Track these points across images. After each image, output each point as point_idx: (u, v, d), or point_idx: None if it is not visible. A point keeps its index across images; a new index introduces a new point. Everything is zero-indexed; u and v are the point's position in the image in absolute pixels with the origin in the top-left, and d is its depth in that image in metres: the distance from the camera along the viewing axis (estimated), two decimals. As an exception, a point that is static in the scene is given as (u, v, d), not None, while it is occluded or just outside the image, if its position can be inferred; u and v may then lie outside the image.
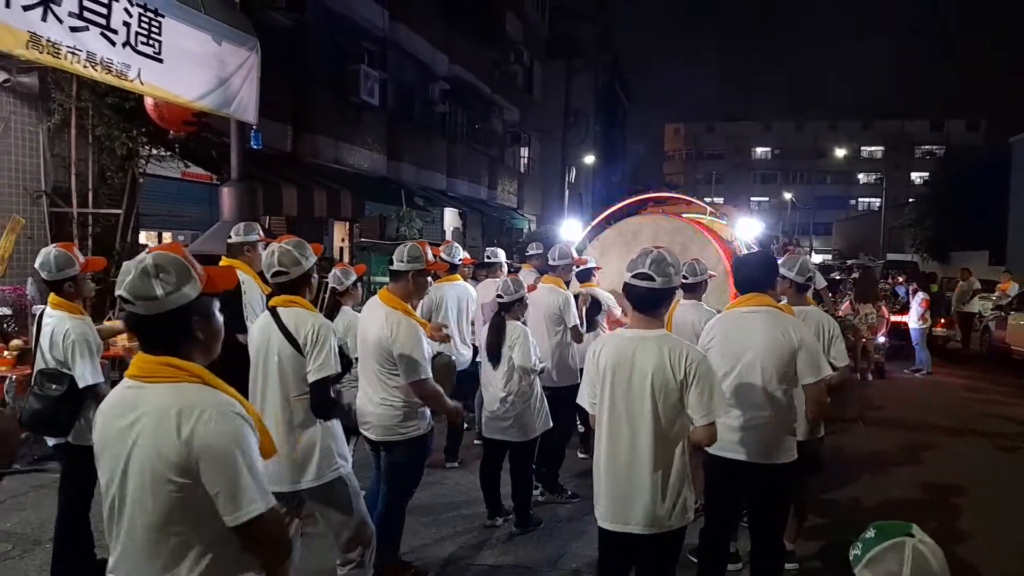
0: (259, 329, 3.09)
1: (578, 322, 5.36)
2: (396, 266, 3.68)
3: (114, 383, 5.07)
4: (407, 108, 17.76)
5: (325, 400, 2.96)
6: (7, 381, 5.40)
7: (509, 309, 4.42)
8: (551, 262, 5.53)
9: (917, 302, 11.14)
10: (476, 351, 6.14)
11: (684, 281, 5.38)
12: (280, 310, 3.03)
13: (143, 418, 1.71)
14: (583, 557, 4.31)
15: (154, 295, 1.73)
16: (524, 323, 4.56)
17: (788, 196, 54.01)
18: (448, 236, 20.46)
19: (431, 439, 3.91)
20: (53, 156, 7.71)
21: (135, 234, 8.92)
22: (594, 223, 7.31)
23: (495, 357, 4.36)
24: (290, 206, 11.47)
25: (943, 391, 10.19)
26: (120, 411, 1.77)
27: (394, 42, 16.29)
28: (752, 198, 60.24)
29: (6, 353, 5.66)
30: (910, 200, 47.53)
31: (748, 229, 6.77)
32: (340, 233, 16.07)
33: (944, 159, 39.54)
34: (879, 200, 59.92)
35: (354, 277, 4.95)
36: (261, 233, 4.62)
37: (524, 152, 27.96)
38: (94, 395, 3.43)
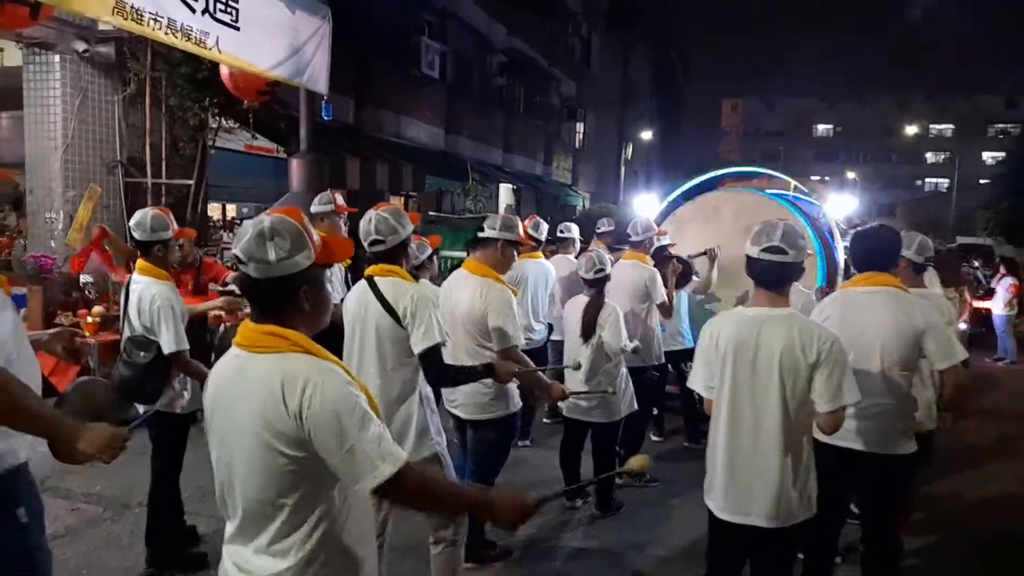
0: (355, 299, 2.99)
1: (666, 298, 5.16)
2: (487, 233, 3.56)
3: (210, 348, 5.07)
4: (466, 81, 17.57)
5: (440, 368, 2.86)
6: (90, 348, 5.48)
7: (601, 285, 4.25)
8: (633, 237, 5.33)
9: (1004, 287, 10.53)
10: (551, 328, 6.00)
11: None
12: (378, 279, 2.92)
13: (249, 389, 1.65)
14: (670, 544, 4.17)
15: (267, 259, 1.66)
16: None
17: (851, 175, 52.08)
18: (502, 211, 20.33)
19: (518, 419, 3.79)
20: (128, 126, 7.80)
21: (204, 205, 9.03)
22: (670, 198, 7.04)
23: (588, 335, 4.20)
24: (353, 179, 11.47)
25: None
26: (228, 381, 1.72)
27: (453, 13, 16.08)
28: (811, 177, 58.29)
29: (89, 319, 5.75)
30: (981, 181, 45.34)
31: (840, 206, 6.41)
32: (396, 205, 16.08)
33: (1020, 137, 37.45)
34: (947, 180, 57.53)
35: (429, 250, 4.85)
36: (341, 202, 4.54)
37: (580, 127, 27.52)
38: (179, 362, 3.41)
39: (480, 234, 3.61)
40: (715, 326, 2.62)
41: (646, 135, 31.39)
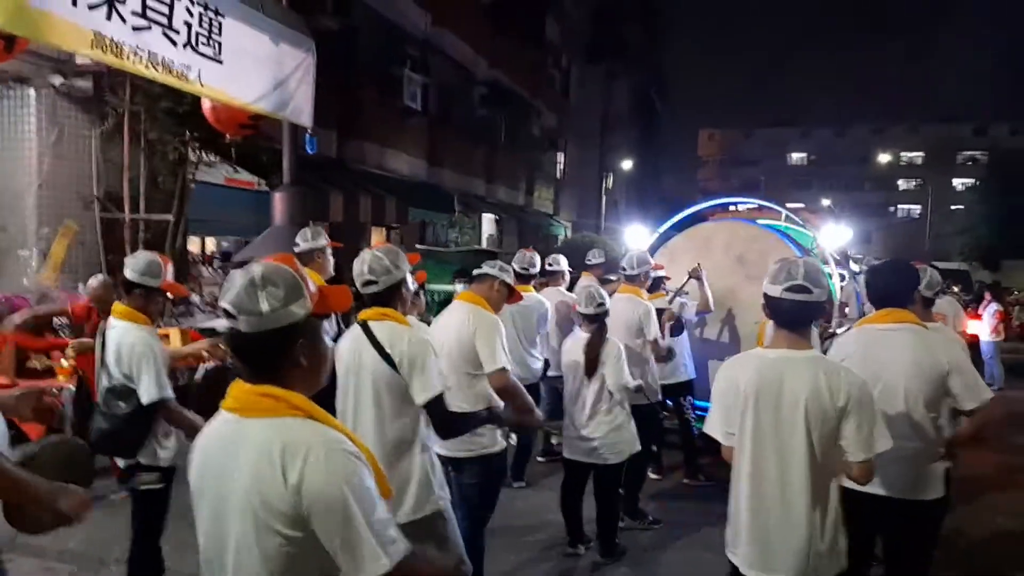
0: (348, 346, 2.82)
1: (659, 335, 5.04)
2: (485, 270, 3.67)
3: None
4: (448, 113, 17.57)
5: (446, 418, 2.70)
6: (64, 392, 5.22)
7: (601, 320, 4.12)
8: (628, 271, 5.22)
9: (990, 313, 10.57)
10: (547, 364, 5.84)
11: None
12: (372, 324, 2.76)
13: (244, 460, 1.47)
14: (678, 591, 3.99)
15: (259, 310, 1.50)
16: None
17: (826, 203, 52.86)
18: (484, 243, 20.24)
19: (504, 457, 3.63)
20: (105, 161, 7.61)
21: (184, 240, 8.82)
22: (661, 229, 6.96)
23: (591, 373, 4.05)
24: (336, 212, 11.31)
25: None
26: (219, 449, 1.55)
27: (436, 46, 16.13)
28: (788, 204, 59.06)
29: (64, 362, 5.49)
30: (952, 207, 46.13)
31: (833, 237, 6.37)
32: (377, 239, 15.93)
33: (991, 164, 38.37)
34: (919, 207, 58.60)
35: (416, 286, 4.70)
36: (328, 238, 4.37)
37: (560, 157, 27.66)
38: (164, 411, 3.21)
39: (477, 271, 3.72)
40: (734, 369, 2.48)
41: (626, 165, 31.63)
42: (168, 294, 3.51)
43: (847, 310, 6.69)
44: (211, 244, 15.07)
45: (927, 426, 2.87)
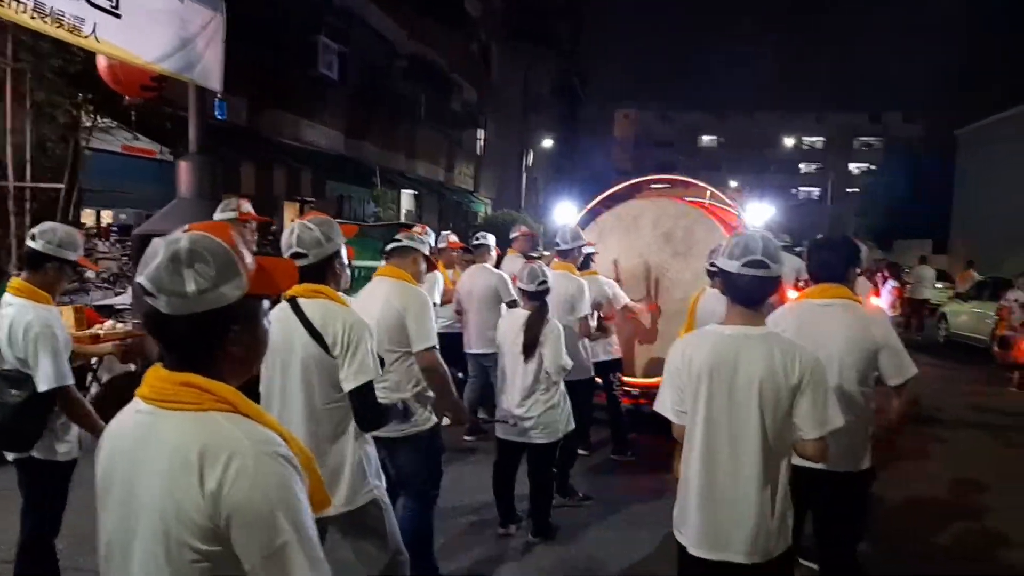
0: (275, 325, 2.55)
1: (589, 313, 5.00)
2: (405, 243, 3.45)
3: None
4: (367, 85, 17.02)
5: (372, 409, 2.51)
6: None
7: (543, 298, 4.01)
8: (562, 245, 5.14)
9: (888, 290, 11.17)
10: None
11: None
12: (302, 301, 2.54)
13: (157, 459, 1.27)
14: (613, 567, 3.99)
15: (183, 291, 1.27)
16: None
17: (733, 184, 54.81)
18: (402, 218, 19.84)
19: (438, 435, 3.49)
20: (-15, 123, 6.88)
21: (77, 211, 8.14)
22: (589, 207, 6.92)
23: (530, 353, 3.93)
24: (248, 184, 10.78)
25: (916, 382, 10.22)
26: (130, 444, 1.32)
27: (355, 15, 15.53)
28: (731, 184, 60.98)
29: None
30: (848, 190, 48.79)
31: (758, 214, 6.50)
32: (291, 214, 15.30)
33: (886, 150, 40.76)
34: (818, 189, 61.73)
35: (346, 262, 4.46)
36: (249, 209, 4.05)
37: (481, 134, 27.41)
38: (63, 401, 2.88)
39: (396, 242, 3.48)
40: (689, 345, 2.41)
41: (546, 143, 31.69)
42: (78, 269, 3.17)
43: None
44: (108, 216, 14.12)
45: (859, 400, 2.92)
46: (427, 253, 3.55)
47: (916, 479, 5.71)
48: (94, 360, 5.35)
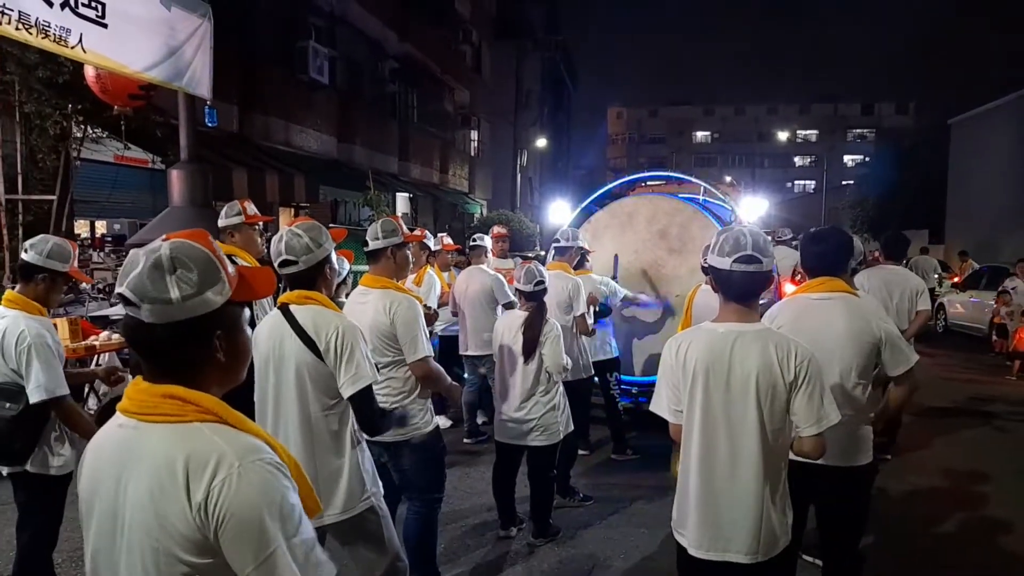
0: (268, 333, 2.56)
1: (586, 310, 4.98)
2: (372, 245, 3.22)
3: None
4: (358, 88, 16.98)
5: (372, 413, 2.49)
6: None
7: (540, 298, 3.99)
8: (561, 242, 5.15)
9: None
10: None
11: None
12: (294, 308, 2.51)
13: (140, 473, 1.24)
14: (615, 567, 3.95)
15: (167, 298, 1.26)
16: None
17: (728, 179, 54.87)
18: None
19: (440, 437, 3.45)
20: (-26, 136, 6.85)
21: (70, 222, 8.10)
22: (583, 205, 6.90)
23: (530, 354, 3.90)
24: (240, 190, 10.69)
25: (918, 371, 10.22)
26: (113, 459, 1.30)
27: (342, 17, 15.48)
28: (726, 179, 61.13)
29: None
30: (843, 182, 48.74)
31: (752, 209, 6.48)
32: (286, 219, 15.25)
33: (878, 141, 40.76)
34: (813, 182, 61.79)
35: (348, 266, 4.44)
36: (255, 211, 4.00)
37: (474, 135, 27.38)
38: (59, 410, 2.86)
39: (365, 249, 3.27)
40: (682, 343, 2.39)
41: (540, 143, 31.65)
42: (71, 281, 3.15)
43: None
44: (101, 227, 14.06)
45: (859, 394, 2.90)
46: (400, 242, 3.26)
47: (916, 469, 5.70)
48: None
